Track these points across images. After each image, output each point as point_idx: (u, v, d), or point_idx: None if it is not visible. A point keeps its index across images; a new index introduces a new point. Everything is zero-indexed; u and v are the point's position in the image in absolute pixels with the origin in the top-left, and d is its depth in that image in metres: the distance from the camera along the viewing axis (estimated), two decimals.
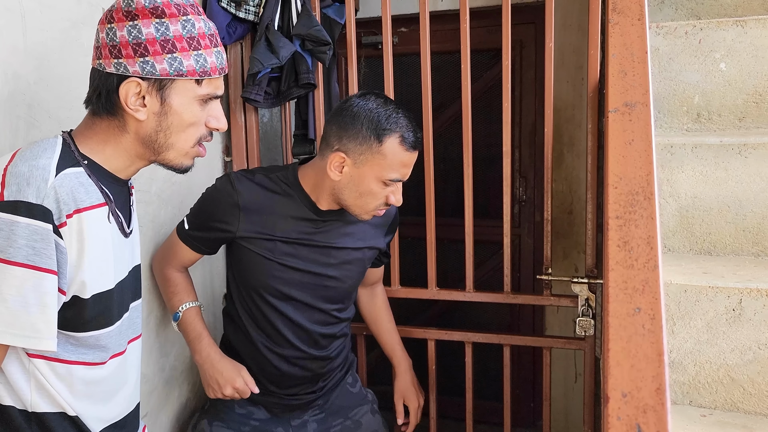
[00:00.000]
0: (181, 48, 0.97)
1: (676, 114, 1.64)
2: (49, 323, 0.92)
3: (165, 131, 1.01)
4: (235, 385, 1.47)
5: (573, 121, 2.49)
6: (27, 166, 0.91)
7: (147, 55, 0.95)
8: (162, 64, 0.96)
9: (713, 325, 1.33)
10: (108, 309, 1.04)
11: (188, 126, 1.02)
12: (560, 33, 2.31)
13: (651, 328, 0.61)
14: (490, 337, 1.86)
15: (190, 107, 1.01)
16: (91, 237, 0.97)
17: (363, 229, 1.53)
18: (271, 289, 1.47)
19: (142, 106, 0.98)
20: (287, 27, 1.78)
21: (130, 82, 0.96)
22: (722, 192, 1.48)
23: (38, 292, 0.90)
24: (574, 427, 2.61)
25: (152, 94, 0.98)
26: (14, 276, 0.88)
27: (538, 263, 2.64)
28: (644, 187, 0.71)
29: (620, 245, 0.67)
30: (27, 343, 0.91)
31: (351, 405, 1.65)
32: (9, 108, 1.15)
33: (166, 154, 1.04)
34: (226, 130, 1.10)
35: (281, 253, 1.45)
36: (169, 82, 0.98)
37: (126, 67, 0.96)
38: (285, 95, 1.84)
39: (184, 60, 0.97)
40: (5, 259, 0.87)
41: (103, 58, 0.97)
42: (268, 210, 1.44)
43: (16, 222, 0.88)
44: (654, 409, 0.55)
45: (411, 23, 2.57)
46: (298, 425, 1.60)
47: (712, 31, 1.58)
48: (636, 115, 0.78)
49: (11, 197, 0.88)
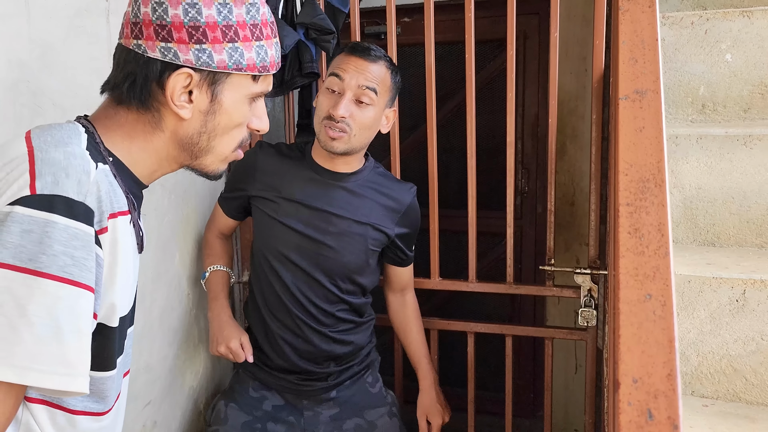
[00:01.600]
0: (243, 37, 0.81)
1: (681, 105, 1.64)
2: (83, 354, 0.72)
3: (210, 133, 0.85)
4: (230, 344, 1.52)
5: (576, 113, 2.48)
6: (62, 152, 0.73)
7: (205, 42, 0.79)
8: (221, 55, 0.80)
9: (716, 315, 1.33)
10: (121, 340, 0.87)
11: (235, 127, 0.87)
12: (564, 24, 2.30)
13: (662, 314, 0.61)
14: (492, 327, 1.86)
15: (240, 106, 0.86)
16: (124, 250, 0.81)
17: (369, 205, 1.53)
18: (272, 250, 1.52)
19: (188, 102, 0.82)
20: (291, 16, 1.77)
21: (181, 73, 0.80)
22: (727, 183, 1.48)
23: (74, 315, 0.70)
24: (574, 417, 2.62)
25: (202, 88, 0.82)
26: (45, 292, 0.68)
27: (540, 255, 2.64)
28: (655, 174, 0.71)
29: (631, 232, 0.67)
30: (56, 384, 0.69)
31: (368, 405, 1.64)
32: (13, 96, 1.15)
33: (204, 158, 0.88)
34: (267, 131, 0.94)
35: (284, 213, 1.50)
36: (224, 77, 0.82)
37: (177, 54, 0.79)
38: (288, 84, 1.83)
39: (245, 51, 0.82)
40: (36, 270, 0.67)
41: (145, 38, 0.79)
42: (279, 172, 1.52)
43: (52, 222, 0.69)
44: (665, 394, 0.55)
45: (414, 13, 2.56)
46: (310, 416, 1.60)
47: (718, 22, 1.58)
48: (647, 103, 0.77)
49: (46, 190, 0.70)
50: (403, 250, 1.64)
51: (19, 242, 0.68)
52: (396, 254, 1.65)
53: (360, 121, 1.42)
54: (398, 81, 1.51)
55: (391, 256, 1.66)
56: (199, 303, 1.81)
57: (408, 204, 1.59)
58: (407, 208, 1.59)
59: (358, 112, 1.42)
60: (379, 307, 1.79)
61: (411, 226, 1.62)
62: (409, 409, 1.79)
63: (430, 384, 1.72)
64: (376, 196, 1.54)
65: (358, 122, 1.42)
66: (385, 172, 1.61)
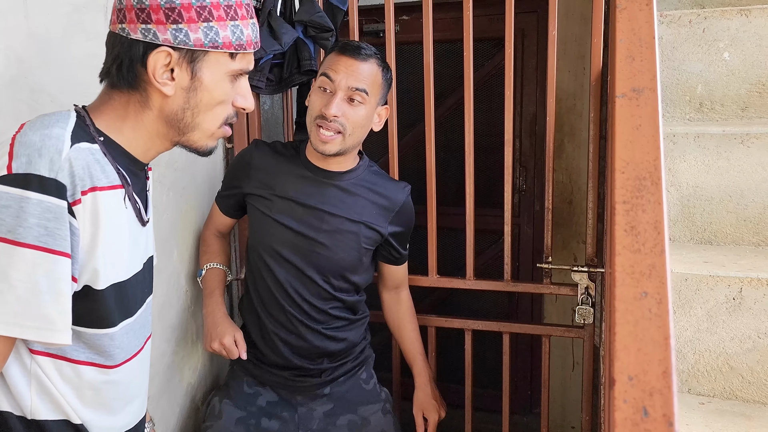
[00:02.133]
0: (218, 17, 0.87)
1: (679, 103, 1.64)
2: (63, 313, 0.82)
3: (193, 109, 0.91)
4: (223, 341, 1.52)
5: (574, 111, 2.48)
6: (38, 135, 0.82)
7: (181, 21, 0.85)
8: (197, 34, 0.86)
9: (713, 314, 1.33)
10: (121, 303, 0.94)
11: (217, 104, 0.93)
12: (563, 22, 2.30)
13: (658, 312, 0.61)
14: (489, 324, 1.86)
15: (221, 83, 0.91)
16: (107, 220, 0.87)
17: (362, 203, 1.54)
18: (266, 247, 1.53)
19: (170, 80, 0.88)
20: (290, 13, 1.78)
21: (160, 51, 0.86)
22: (724, 182, 1.48)
23: (51, 278, 0.80)
24: (571, 415, 2.63)
25: (182, 66, 0.88)
26: (24, 260, 0.78)
27: (538, 253, 2.65)
28: (651, 172, 0.71)
29: (627, 230, 0.67)
30: (38, 336, 0.80)
31: (361, 401, 1.64)
32: (12, 92, 1.15)
33: (191, 134, 0.94)
34: (253, 109, 1.01)
35: (277, 209, 1.51)
36: (201, 55, 0.88)
37: (156, 34, 0.85)
38: (287, 82, 1.83)
39: (220, 30, 0.87)
40: (14, 240, 0.77)
41: (128, 22, 0.86)
42: (274, 170, 1.53)
43: (26, 198, 0.77)
44: (661, 392, 0.55)
45: (413, 11, 2.57)
46: (304, 412, 1.61)
47: (716, 20, 1.58)
48: (644, 101, 0.78)
49: (21, 170, 0.78)
50: (396, 249, 1.64)
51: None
52: (390, 252, 1.65)
53: (353, 120, 1.42)
54: (389, 77, 1.51)
55: (385, 255, 1.66)
56: (197, 299, 1.81)
57: (402, 203, 1.59)
58: (401, 207, 1.59)
59: (351, 111, 1.42)
60: (375, 304, 1.79)
61: (405, 224, 1.62)
62: (406, 405, 1.80)
63: (425, 381, 1.73)
64: (370, 194, 1.55)
65: (351, 121, 1.42)
66: (379, 170, 1.61)
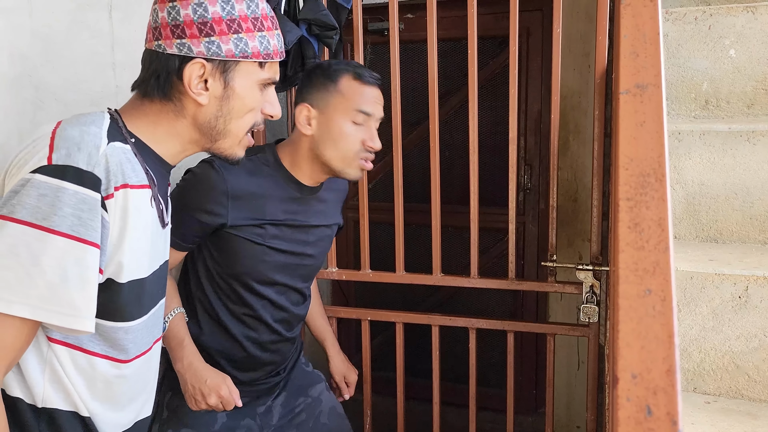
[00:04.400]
0: (246, 28, 0.94)
1: (684, 101, 1.64)
2: (89, 301, 0.85)
3: (225, 116, 0.98)
4: (221, 393, 1.34)
5: (579, 109, 2.47)
6: (78, 130, 0.86)
7: (213, 35, 0.92)
8: (228, 45, 0.92)
9: (719, 312, 1.32)
10: (139, 299, 0.98)
11: (248, 111, 0.99)
12: (567, 20, 2.29)
13: (662, 309, 0.60)
14: (493, 323, 1.86)
15: (251, 91, 0.98)
16: (135, 217, 0.91)
17: (331, 204, 1.57)
18: (256, 274, 1.43)
19: (204, 90, 0.95)
20: (294, 11, 1.77)
21: (195, 63, 0.92)
22: (730, 179, 1.48)
23: (80, 266, 0.83)
24: (576, 414, 2.62)
25: (215, 76, 0.94)
26: (56, 247, 0.81)
27: (543, 251, 2.64)
28: (656, 168, 0.70)
29: (630, 227, 0.67)
30: (63, 322, 0.83)
31: (309, 383, 1.67)
32: (16, 90, 1.15)
33: (222, 141, 1.00)
34: (279, 117, 1.07)
35: (270, 236, 1.43)
36: (233, 65, 0.95)
37: (190, 47, 0.92)
38: (291, 80, 1.83)
39: (249, 41, 0.94)
40: (48, 228, 0.81)
41: (164, 38, 0.93)
42: (256, 194, 1.39)
43: (63, 188, 0.82)
44: (664, 390, 0.55)
45: (417, 9, 2.56)
46: (263, 412, 1.56)
47: (721, 17, 1.57)
48: (648, 97, 0.77)
49: (60, 161, 0.83)
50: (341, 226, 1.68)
51: (36, 204, 0.81)
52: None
53: None
54: None
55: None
56: None
57: (345, 189, 1.64)
58: (345, 190, 1.64)
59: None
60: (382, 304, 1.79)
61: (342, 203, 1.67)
62: (411, 405, 1.79)
63: (337, 350, 1.82)
64: (331, 194, 1.58)
65: None
66: None
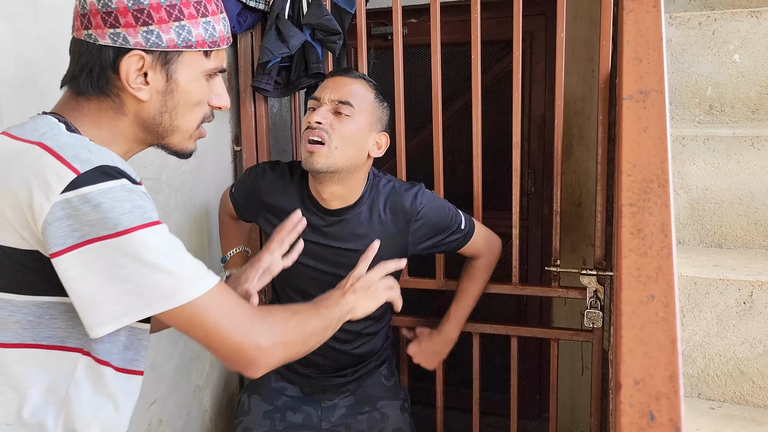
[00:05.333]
0: (189, 14, 0.84)
1: (688, 106, 1.63)
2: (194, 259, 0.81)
3: (171, 112, 0.88)
4: None
5: (583, 114, 2.47)
6: (67, 137, 0.79)
7: (151, 23, 0.82)
8: (169, 34, 0.83)
9: (723, 317, 1.32)
10: None
11: (195, 105, 0.90)
12: (571, 25, 2.30)
13: (664, 315, 0.60)
14: (497, 328, 1.85)
15: (197, 83, 0.88)
16: None
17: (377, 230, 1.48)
18: (290, 284, 1.54)
19: (144, 84, 0.85)
20: (297, 16, 1.78)
21: (133, 56, 0.82)
22: (734, 184, 1.47)
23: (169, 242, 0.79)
24: (580, 420, 2.61)
25: (156, 69, 0.85)
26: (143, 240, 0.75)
27: (546, 256, 2.63)
28: (658, 174, 0.70)
29: (633, 233, 0.67)
30: (210, 282, 0.80)
31: (381, 396, 1.65)
32: (21, 95, 1.16)
33: (170, 138, 0.91)
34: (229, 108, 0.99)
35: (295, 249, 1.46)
36: (175, 55, 0.85)
37: (126, 38, 0.82)
38: (295, 85, 1.83)
39: (192, 29, 0.85)
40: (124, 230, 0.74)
41: (94, 27, 0.82)
42: (284, 207, 1.48)
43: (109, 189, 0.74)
44: (667, 396, 0.54)
45: (421, 14, 2.56)
46: (328, 407, 1.64)
47: (726, 22, 1.57)
48: (651, 103, 0.77)
49: (87, 167, 0.75)
50: (439, 247, 1.58)
51: (98, 216, 0.73)
52: (439, 249, 1.60)
53: (340, 132, 1.36)
54: (385, 106, 1.46)
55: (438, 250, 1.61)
56: None
57: (416, 212, 1.49)
58: (417, 217, 1.50)
59: (338, 123, 1.37)
60: None
61: (430, 227, 1.53)
62: (415, 409, 1.79)
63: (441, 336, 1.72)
64: (381, 221, 1.49)
65: (338, 133, 1.36)
66: (386, 184, 1.52)
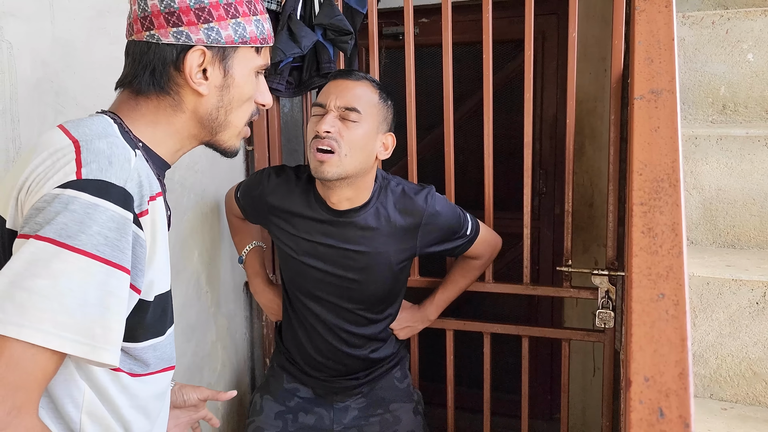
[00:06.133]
0: (243, 12, 0.89)
1: (701, 105, 1.62)
2: (108, 330, 0.75)
3: (226, 107, 0.92)
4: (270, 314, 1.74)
5: (595, 113, 2.46)
6: (105, 143, 0.80)
7: (211, 20, 0.86)
8: (227, 30, 0.87)
9: (736, 318, 1.31)
10: (165, 313, 0.93)
11: (246, 100, 0.94)
12: (583, 24, 2.29)
13: (675, 313, 0.60)
14: (508, 328, 1.85)
15: (249, 79, 0.93)
16: (161, 229, 0.86)
17: (385, 234, 1.47)
18: (300, 287, 1.55)
19: (204, 80, 0.89)
20: (309, 16, 1.79)
21: (195, 51, 0.86)
22: (747, 184, 1.46)
23: (101, 291, 0.74)
24: (591, 420, 2.60)
25: (215, 65, 0.89)
26: (78, 267, 0.73)
27: (558, 256, 2.63)
28: (669, 174, 0.70)
29: (644, 231, 0.67)
30: (77, 351, 0.73)
31: (394, 398, 1.66)
32: (37, 95, 1.17)
33: (222, 134, 0.94)
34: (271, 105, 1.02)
35: (302, 252, 1.50)
36: (232, 51, 0.89)
37: (188, 35, 0.86)
38: (306, 85, 1.84)
39: (246, 26, 0.89)
40: (72, 246, 0.73)
41: (156, 28, 0.86)
42: (291, 210, 1.50)
43: (94, 205, 0.74)
44: (677, 393, 0.55)
45: (432, 14, 2.57)
46: (340, 409, 1.65)
47: (739, 21, 1.56)
48: (662, 103, 0.77)
49: (90, 176, 0.76)
50: (447, 250, 1.59)
51: (63, 221, 0.73)
52: (444, 253, 1.61)
53: (349, 139, 1.35)
54: (390, 105, 1.43)
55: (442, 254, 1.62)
56: (217, 301, 1.83)
57: (425, 213, 1.48)
58: (425, 218, 1.49)
59: (346, 130, 1.35)
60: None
61: (438, 230, 1.52)
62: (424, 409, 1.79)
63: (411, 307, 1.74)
64: (390, 222, 1.47)
65: (347, 140, 1.34)
66: (396, 186, 1.51)
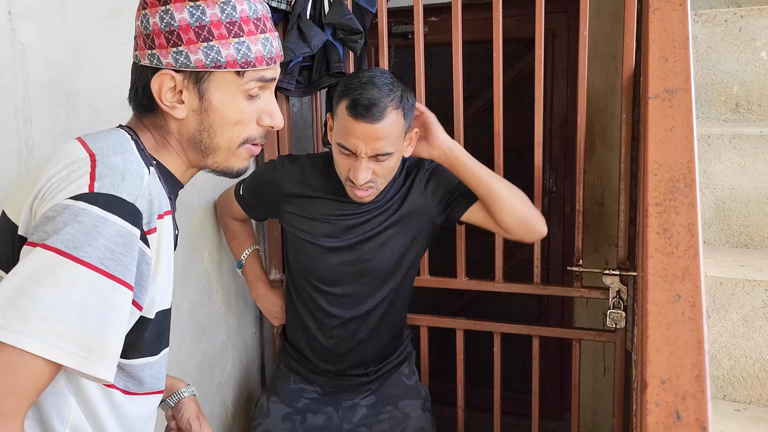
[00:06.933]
0: (218, 35, 0.85)
1: (714, 104, 1.61)
2: (105, 344, 0.75)
3: (208, 130, 0.89)
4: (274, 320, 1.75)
5: (605, 112, 2.45)
6: (120, 158, 0.80)
7: (180, 44, 0.84)
8: (197, 55, 0.84)
9: (749, 318, 1.30)
10: (163, 331, 0.92)
11: (234, 124, 0.90)
12: (594, 22, 2.27)
13: (691, 315, 0.60)
14: (519, 327, 1.85)
15: (233, 102, 0.89)
16: (166, 248, 0.86)
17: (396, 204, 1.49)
18: (316, 273, 1.53)
19: (179, 102, 0.87)
20: (319, 16, 1.79)
21: (163, 75, 0.85)
22: (761, 184, 1.45)
23: (103, 304, 0.75)
24: (602, 421, 2.59)
25: (189, 88, 0.87)
26: (82, 279, 0.73)
27: (568, 256, 2.61)
28: (685, 174, 0.70)
29: (660, 232, 0.66)
30: (73, 363, 0.73)
31: (402, 395, 1.66)
32: (49, 96, 1.18)
33: (213, 156, 0.92)
34: (282, 127, 0.97)
35: (321, 234, 1.50)
36: (206, 75, 0.86)
37: (159, 58, 0.85)
38: (316, 84, 1.84)
39: (222, 49, 0.85)
40: (78, 258, 0.73)
41: (139, 49, 0.87)
42: (309, 193, 1.50)
43: (103, 218, 0.75)
44: (693, 396, 0.54)
45: (442, 12, 2.56)
46: (348, 407, 1.64)
47: (753, 19, 1.55)
48: (677, 102, 0.76)
49: (103, 190, 0.76)
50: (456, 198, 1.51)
51: (71, 231, 0.74)
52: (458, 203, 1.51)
53: (383, 173, 1.37)
54: (411, 104, 1.38)
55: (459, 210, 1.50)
56: (228, 300, 1.83)
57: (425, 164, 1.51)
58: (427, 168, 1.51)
59: (379, 167, 1.35)
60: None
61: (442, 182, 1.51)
62: (433, 408, 1.79)
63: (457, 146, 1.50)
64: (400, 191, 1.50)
65: (382, 174, 1.37)
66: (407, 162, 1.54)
